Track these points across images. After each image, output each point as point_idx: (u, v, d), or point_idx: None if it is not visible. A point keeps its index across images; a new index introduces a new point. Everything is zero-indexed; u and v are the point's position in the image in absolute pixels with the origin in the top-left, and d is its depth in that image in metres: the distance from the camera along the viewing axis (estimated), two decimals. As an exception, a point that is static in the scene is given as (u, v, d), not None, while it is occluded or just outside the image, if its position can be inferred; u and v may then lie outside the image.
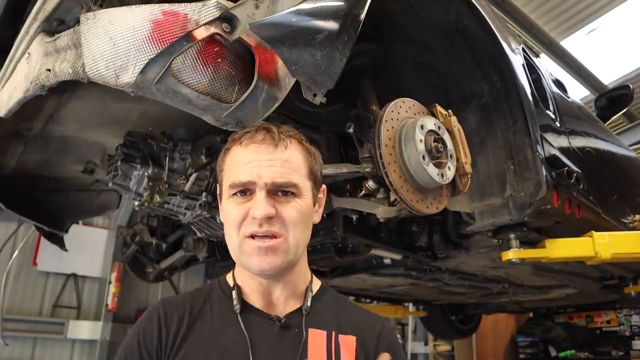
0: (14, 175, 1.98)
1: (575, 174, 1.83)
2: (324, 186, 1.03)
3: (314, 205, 0.97)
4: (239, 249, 0.91)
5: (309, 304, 0.97)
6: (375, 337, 1.00)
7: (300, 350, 0.91)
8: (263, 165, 0.89)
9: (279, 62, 1.09)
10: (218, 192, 1.00)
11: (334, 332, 0.96)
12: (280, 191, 0.90)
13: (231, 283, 0.99)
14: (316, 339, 0.94)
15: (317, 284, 1.04)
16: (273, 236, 0.89)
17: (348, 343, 0.95)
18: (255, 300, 0.96)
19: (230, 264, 1.02)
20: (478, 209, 1.85)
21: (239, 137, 0.93)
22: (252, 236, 0.89)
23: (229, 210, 0.92)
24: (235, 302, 0.95)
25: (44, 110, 1.69)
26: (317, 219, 1.00)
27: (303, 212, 0.92)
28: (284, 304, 0.97)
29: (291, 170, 0.91)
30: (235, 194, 0.91)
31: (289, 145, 0.93)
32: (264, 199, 0.88)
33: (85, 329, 4.33)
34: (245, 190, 0.90)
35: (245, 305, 0.95)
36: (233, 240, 0.92)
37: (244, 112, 1.10)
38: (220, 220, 1.03)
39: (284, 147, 0.92)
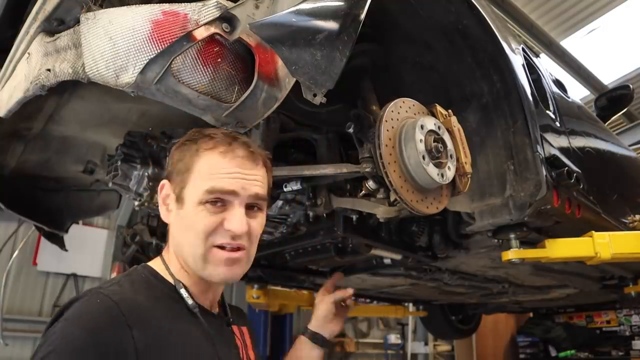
0: (14, 175, 1.98)
1: (575, 174, 1.83)
2: None
3: None
4: (202, 258, 0.91)
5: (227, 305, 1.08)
6: (247, 323, 1.17)
7: (238, 345, 1.02)
8: (247, 179, 0.92)
9: (279, 62, 1.09)
10: (175, 192, 0.96)
11: (239, 326, 1.09)
12: (253, 206, 0.94)
13: (171, 280, 0.95)
14: (238, 333, 1.07)
15: None
16: (238, 248, 0.92)
17: (246, 333, 1.11)
18: (203, 300, 0.98)
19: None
20: (478, 209, 1.85)
21: (215, 146, 0.93)
22: (220, 246, 0.91)
23: (199, 218, 0.90)
24: (191, 302, 0.92)
25: (44, 110, 1.69)
26: None
27: (263, 226, 0.99)
28: (214, 304, 1.03)
29: (264, 186, 0.96)
30: (207, 202, 0.90)
31: (262, 163, 0.99)
32: (243, 214, 0.91)
33: (85, 329, 4.32)
34: (218, 200, 0.90)
35: (197, 305, 0.95)
36: (197, 249, 0.90)
37: (244, 112, 1.10)
38: (168, 220, 0.98)
39: (260, 164, 0.98)
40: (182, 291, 0.92)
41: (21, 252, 3.99)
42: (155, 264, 0.99)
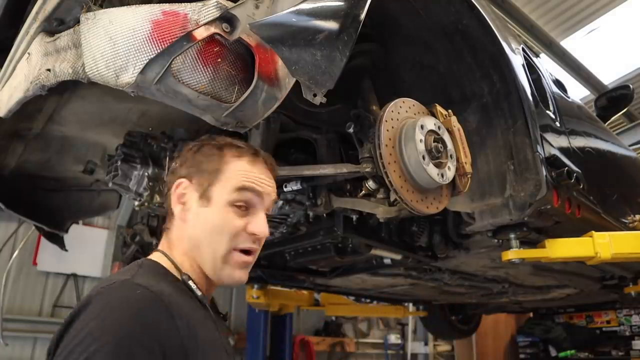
0: (14, 175, 1.98)
1: (575, 174, 1.83)
2: None
3: None
4: (223, 259, 0.93)
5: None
6: None
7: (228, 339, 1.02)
8: (270, 187, 0.99)
9: (279, 62, 1.09)
10: (199, 191, 0.96)
11: None
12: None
13: (177, 274, 0.93)
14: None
15: None
16: (254, 251, 0.97)
17: None
18: (205, 293, 0.99)
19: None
20: (478, 209, 1.85)
21: (242, 154, 0.99)
22: (242, 250, 0.95)
23: (228, 219, 0.93)
24: (200, 293, 0.93)
25: (44, 110, 1.69)
26: None
27: None
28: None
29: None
30: (236, 205, 0.94)
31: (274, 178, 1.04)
32: (265, 218, 0.97)
33: (85, 329, 4.32)
34: (243, 205, 0.95)
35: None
36: (219, 250, 0.92)
37: (244, 112, 1.10)
38: (185, 218, 0.97)
39: (275, 175, 1.04)
40: (190, 283, 0.92)
41: (21, 252, 3.98)
42: (160, 259, 0.96)
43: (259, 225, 0.94)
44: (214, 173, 0.96)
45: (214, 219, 0.93)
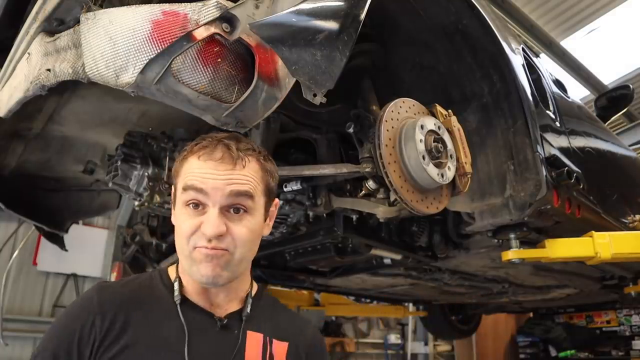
0: (14, 175, 1.98)
1: (575, 174, 1.83)
2: (276, 200, 1.06)
3: (265, 220, 1.01)
4: (189, 259, 0.93)
5: (249, 310, 1.02)
6: (307, 342, 1.08)
7: (237, 351, 0.95)
8: (219, 181, 0.90)
9: (279, 62, 1.09)
10: (172, 198, 1.00)
11: (268, 337, 1.02)
12: (232, 208, 0.92)
13: (173, 277, 1.00)
14: (254, 341, 0.99)
15: (254, 287, 1.08)
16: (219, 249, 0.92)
17: (280, 349, 1.02)
18: (198, 300, 0.99)
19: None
20: (478, 209, 1.85)
21: (198, 150, 0.94)
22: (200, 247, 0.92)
23: (181, 220, 0.93)
24: (176, 293, 0.96)
25: (44, 110, 1.69)
26: (267, 231, 1.03)
27: (253, 230, 0.95)
28: (225, 306, 1.01)
29: (246, 188, 0.92)
30: (188, 204, 0.91)
31: (247, 163, 0.94)
32: (217, 216, 0.90)
33: (85, 329, 4.31)
34: (197, 204, 0.91)
35: (187, 302, 0.97)
36: (183, 250, 0.94)
37: (244, 112, 1.10)
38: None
39: (242, 165, 0.93)
40: (175, 284, 0.98)
41: (21, 252, 3.99)
42: (171, 264, 1.05)
43: (206, 223, 0.89)
44: (176, 177, 0.98)
45: (175, 222, 0.97)
